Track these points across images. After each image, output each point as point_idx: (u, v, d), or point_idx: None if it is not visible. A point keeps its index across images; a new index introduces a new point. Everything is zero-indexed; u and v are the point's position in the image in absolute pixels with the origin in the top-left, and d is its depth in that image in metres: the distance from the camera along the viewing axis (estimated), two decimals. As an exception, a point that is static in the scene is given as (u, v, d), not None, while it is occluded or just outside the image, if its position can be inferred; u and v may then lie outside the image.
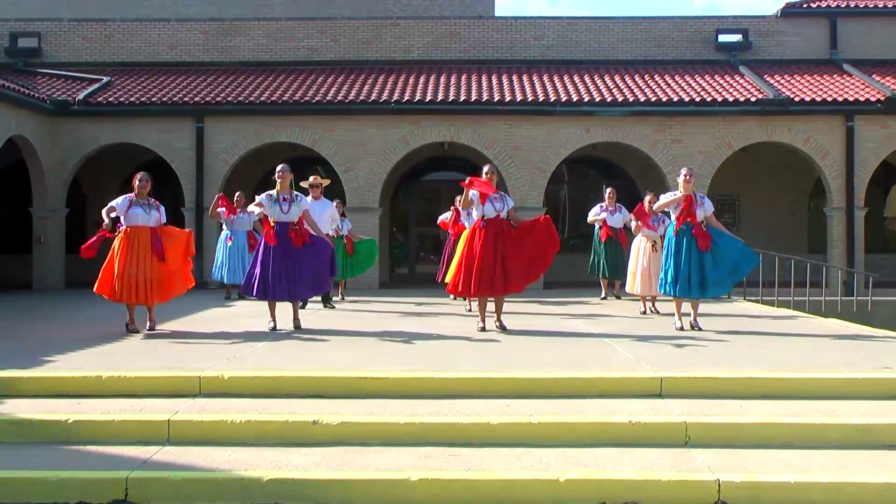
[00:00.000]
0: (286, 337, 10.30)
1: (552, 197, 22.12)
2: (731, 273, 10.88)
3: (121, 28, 23.53)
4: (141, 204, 10.68)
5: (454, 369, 7.85)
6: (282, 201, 10.65)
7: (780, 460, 6.17)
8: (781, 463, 6.13)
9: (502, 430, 6.54)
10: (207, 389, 7.34)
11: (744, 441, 6.47)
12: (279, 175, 10.72)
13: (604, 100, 19.76)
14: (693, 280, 10.69)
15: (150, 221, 10.62)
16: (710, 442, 6.46)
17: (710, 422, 6.63)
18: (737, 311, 14.01)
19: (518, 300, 15.15)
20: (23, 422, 6.71)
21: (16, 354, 8.80)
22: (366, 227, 19.29)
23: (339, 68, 22.74)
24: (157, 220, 10.70)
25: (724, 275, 10.83)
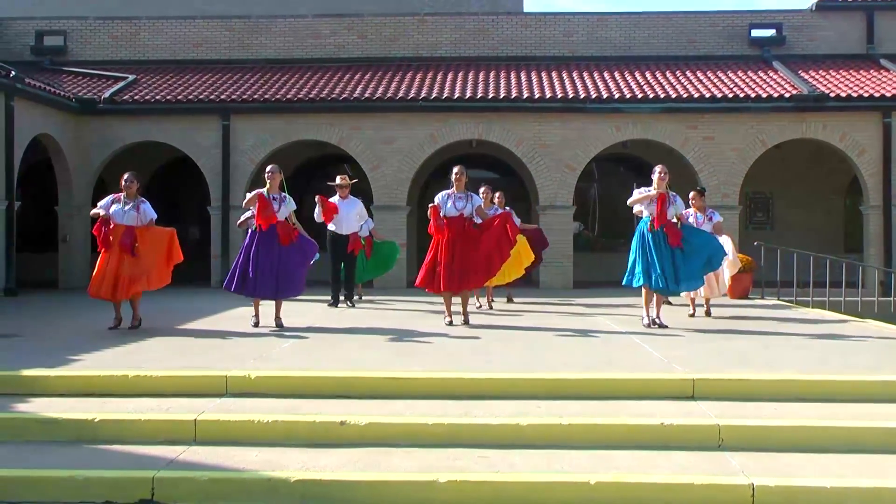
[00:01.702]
0: (312, 337, 10.34)
1: (581, 195, 22.04)
2: (703, 267, 11.37)
3: (146, 26, 23.70)
4: (123, 203, 11.12)
5: (483, 369, 7.85)
6: (272, 201, 11.00)
7: (816, 464, 6.12)
8: (817, 467, 6.07)
9: (532, 431, 6.53)
10: (234, 389, 7.38)
11: (778, 444, 6.42)
12: (269, 175, 11.14)
13: (634, 97, 19.68)
14: (667, 275, 11.03)
15: (126, 220, 11.04)
16: (743, 445, 6.41)
17: (743, 424, 6.58)
18: (770, 311, 13.90)
19: (546, 298, 15.14)
20: (49, 420, 6.77)
21: (42, 353, 8.89)
22: (393, 226, 19.32)
23: (365, 65, 22.78)
24: (133, 218, 11.08)
25: (697, 269, 11.29)
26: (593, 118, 19.79)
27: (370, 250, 15.55)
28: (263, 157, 20.04)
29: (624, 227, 11.99)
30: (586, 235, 23.20)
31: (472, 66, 22.60)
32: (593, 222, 23.59)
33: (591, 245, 23.13)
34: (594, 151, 19.95)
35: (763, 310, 14.11)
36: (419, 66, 22.68)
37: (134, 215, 11.11)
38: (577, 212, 20.28)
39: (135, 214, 11.11)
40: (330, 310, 13.86)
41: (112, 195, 11.36)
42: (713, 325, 11.67)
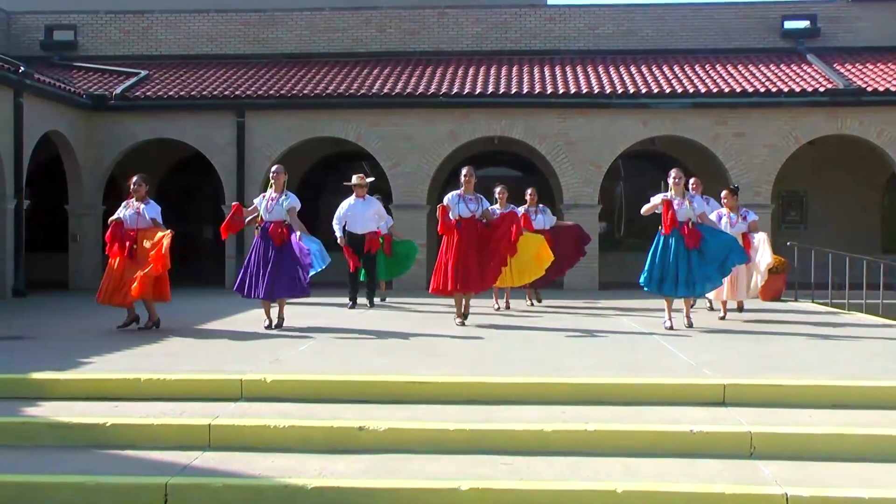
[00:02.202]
0: (329, 339, 10.36)
1: (607, 194, 21.98)
2: (719, 269, 11.50)
3: (159, 20, 23.83)
4: (127, 206, 11.50)
5: (505, 373, 7.85)
6: (270, 200, 11.40)
7: (852, 474, 6.07)
8: (853, 477, 6.03)
9: (556, 437, 6.52)
10: (249, 393, 7.41)
11: (813, 453, 6.38)
12: (273, 176, 11.56)
13: (662, 91, 19.61)
14: (680, 279, 11.28)
15: (128, 223, 11.36)
16: (776, 453, 6.38)
17: (776, 432, 6.55)
18: (805, 314, 13.82)
19: (571, 300, 15.13)
20: (60, 425, 6.82)
21: (52, 355, 8.95)
22: (413, 225, 19.34)
23: (384, 60, 22.82)
24: (135, 220, 11.37)
25: (713, 271, 11.44)
26: (620, 114, 19.74)
27: (389, 249, 15.57)
28: (279, 154, 20.09)
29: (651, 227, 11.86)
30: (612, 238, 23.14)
31: (493, 60, 22.59)
32: (619, 222, 23.52)
33: (618, 245, 23.07)
34: (620, 148, 19.90)
35: (796, 313, 14.03)
36: (439, 60, 22.69)
37: (135, 218, 11.40)
38: (602, 211, 20.23)
39: (135, 217, 11.41)
40: (348, 311, 13.89)
41: (125, 201, 11.69)
42: (744, 328, 11.62)
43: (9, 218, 17.34)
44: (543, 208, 15.00)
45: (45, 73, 20.28)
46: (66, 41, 23.78)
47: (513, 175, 23.01)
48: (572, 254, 15.30)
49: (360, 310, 14.30)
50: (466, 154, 21.47)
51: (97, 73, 22.37)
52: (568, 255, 15.02)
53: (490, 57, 22.84)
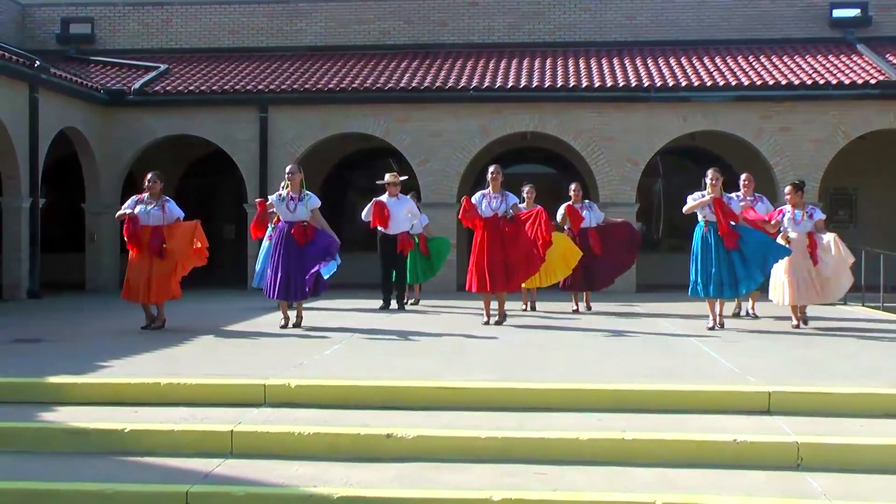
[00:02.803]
0: (356, 342, 10.40)
1: (645, 191, 21.90)
2: (760, 266, 11.69)
3: (179, 12, 23.97)
4: (146, 203, 11.74)
5: (538, 379, 7.84)
6: (289, 200, 11.72)
7: (906, 487, 6.03)
8: (907, 490, 5.98)
9: (592, 446, 6.50)
10: (273, 399, 7.44)
11: (864, 465, 6.32)
12: (288, 176, 11.83)
13: (703, 84, 19.50)
14: (725, 280, 11.60)
15: (150, 220, 11.62)
16: (825, 465, 6.33)
17: (825, 442, 6.50)
18: (855, 318, 13.71)
19: (607, 302, 15.08)
20: (77, 431, 6.88)
21: (69, 359, 9.02)
22: (443, 224, 19.32)
23: (412, 52, 22.85)
24: (159, 218, 11.64)
25: (755, 269, 11.66)
26: (658, 108, 19.65)
27: (425, 248, 15.56)
28: (303, 151, 20.17)
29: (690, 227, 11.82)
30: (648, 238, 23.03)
31: (526, 52, 22.56)
32: (658, 221, 23.42)
33: (656, 245, 22.97)
34: (659, 144, 19.82)
35: (848, 315, 13.91)
36: (470, 52, 22.69)
37: (159, 215, 11.66)
38: (640, 210, 20.16)
39: (160, 214, 11.66)
40: (376, 313, 13.93)
41: (135, 196, 11.94)
42: (791, 333, 11.54)
43: (24, 217, 17.53)
44: (590, 204, 14.73)
45: (62, 67, 20.47)
46: (83, 34, 23.96)
47: (546, 172, 22.99)
48: (623, 258, 14.66)
49: (389, 312, 14.38)
50: (498, 150, 21.47)
51: (115, 68, 22.55)
52: (618, 261, 14.55)
53: (522, 49, 22.82)
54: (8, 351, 9.85)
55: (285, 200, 11.76)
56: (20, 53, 18.92)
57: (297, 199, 11.71)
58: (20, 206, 17.42)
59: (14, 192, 17.47)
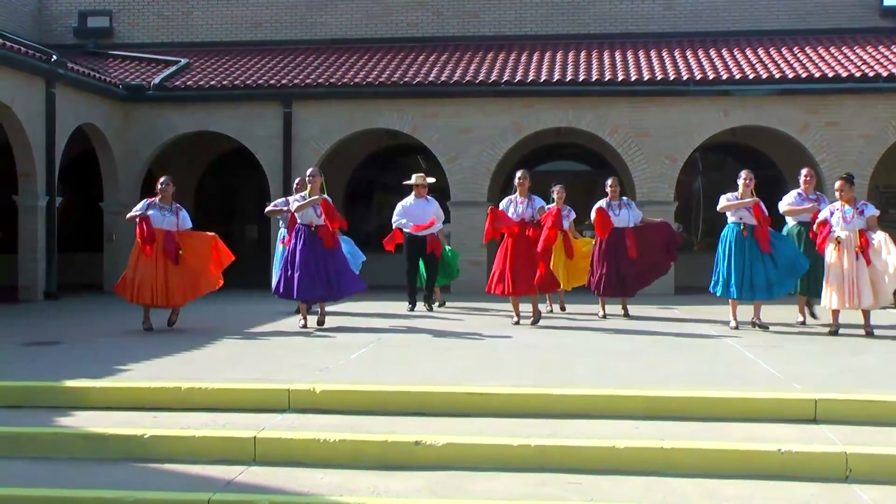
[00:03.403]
0: (383, 346, 10.43)
1: (684, 189, 21.79)
2: (789, 272, 12.05)
3: (200, 4, 24.09)
4: (159, 207, 12.09)
5: (572, 384, 7.83)
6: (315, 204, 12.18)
7: (961, 499, 5.97)
8: (962, 502, 5.93)
9: (629, 455, 6.49)
10: (297, 404, 7.48)
11: (917, 476, 6.28)
12: (309, 179, 12.31)
13: (745, 77, 19.39)
14: (757, 282, 11.89)
15: (165, 225, 11.99)
16: (875, 477, 6.28)
17: (875, 453, 6.45)
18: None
19: (643, 305, 15.02)
20: (95, 436, 6.94)
21: (87, 362, 9.10)
22: (473, 224, 19.32)
23: (441, 45, 22.86)
24: (173, 223, 12.06)
25: (785, 275, 12.03)
26: (698, 102, 19.54)
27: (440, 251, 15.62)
28: (328, 148, 20.20)
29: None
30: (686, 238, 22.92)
31: (560, 44, 22.52)
32: (697, 220, 23.30)
33: (694, 246, 22.87)
34: (699, 140, 19.71)
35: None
36: (501, 45, 22.66)
37: (173, 220, 12.06)
38: (678, 208, 20.07)
39: (174, 220, 12.06)
40: (403, 316, 13.96)
41: (146, 199, 12.29)
42: (837, 338, 11.44)
43: (40, 216, 17.67)
44: (628, 201, 14.16)
45: (79, 62, 20.63)
46: (101, 28, 24.15)
47: (580, 169, 22.93)
48: (661, 260, 14.12)
49: (417, 314, 14.44)
50: (530, 147, 21.44)
51: (134, 62, 22.68)
52: (656, 263, 14.08)
53: (555, 41, 22.76)
54: (24, 354, 9.94)
55: None
56: (36, 48, 19.09)
57: None
58: (36, 204, 17.56)
59: (30, 191, 17.59)
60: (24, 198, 17.64)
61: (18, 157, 17.49)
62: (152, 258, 11.91)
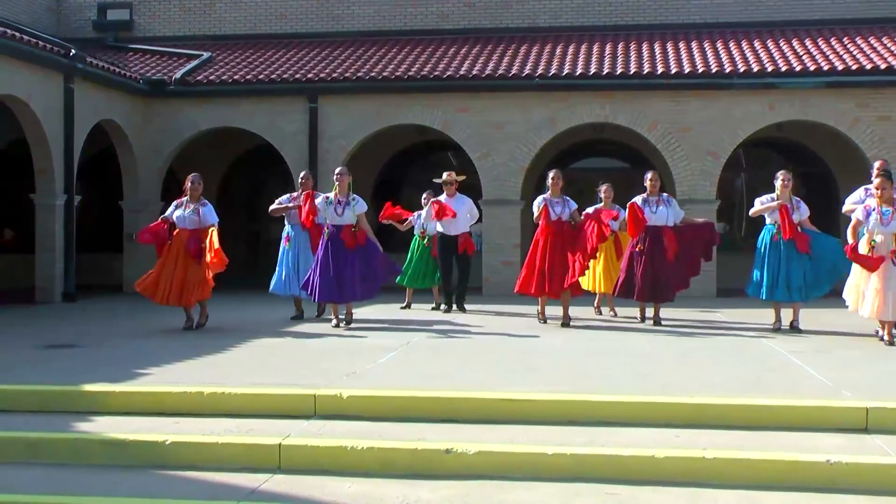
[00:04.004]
0: (413, 349, 10.45)
1: (727, 187, 21.69)
2: (829, 273, 12.25)
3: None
4: (184, 206, 12.47)
5: (609, 390, 7.81)
6: (337, 204, 12.57)
7: None
8: None
9: (669, 465, 6.47)
10: (324, 410, 7.50)
11: (976, 490, 6.22)
12: (337, 178, 12.76)
13: (791, 69, 19.25)
14: (794, 283, 12.12)
15: (186, 224, 12.34)
16: (930, 489, 6.23)
17: (930, 464, 6.40)
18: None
19: (683, 308, 14.95)
20: (114, 442, 6.99)
21: (105, 365, 9.17)
22: (506, 223, 19.35)
23: (473, 37, 22.86)
24: (194, 223, 12.34)
25: (823, 275, 12.25)
26: (741, 96, 19.44)
27: None
28: (355, 144, 20.24)
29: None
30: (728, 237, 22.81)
31: (597, 36, 22.47)
32: (740, 219, 23.18)
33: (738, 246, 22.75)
34: (742, 135, 19.60)
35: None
36: (535, 37, 22.64)
37: (195, 220, 12.32)
38: (720, 207, 19.98)
39: (196, 219, 12.33)
40: (433, 318, 13.99)
41: (176, 201, 12.63)
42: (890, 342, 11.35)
43: (58, 215, 17.79)
44: (668, 198, 13.52)
45: (98, 56, 20.77)
46: (121, 21, 24.29)
47: (618, 167, 22.85)
48: (697, 261, 13.56)
49: (450, 315, 14.58)
50: (566, 143, 21.42)
51: (155, 56, 22.83)
52: (691, 264, 13.49)
53: (592, 33, 22.72)
54: (41, 357, 10.03)
55: (332, 204, 12.58)
56: (54, 41, 19.22)
57: (344, 202, 12.56)
58: (54, 203, 17.69)
59: (48, 189, 17.71)
60: (42, 196, 17.77)
61: (36, 154, 17.62)
62: (172, 257, 12.25)
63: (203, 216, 12.36)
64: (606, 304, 14.92)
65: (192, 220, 12.34)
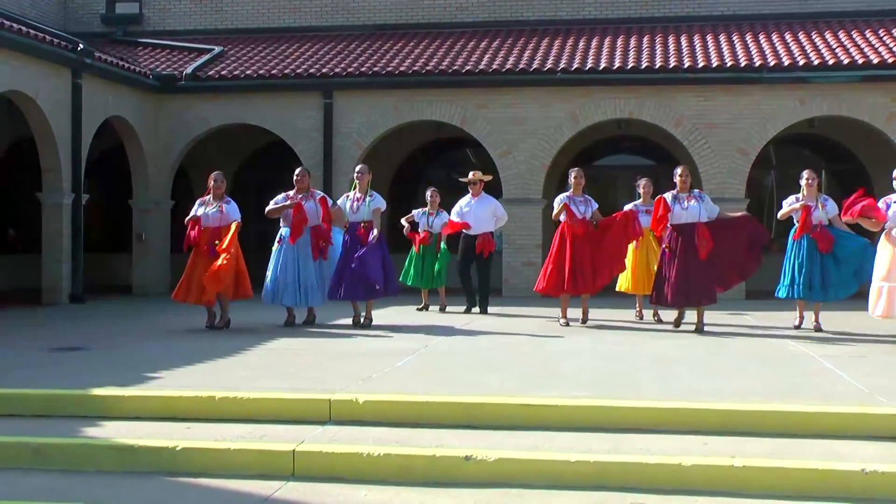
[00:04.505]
0: (431, 352, 10.46)
1: (756, 185, 21.62)
2: (855, 274, 12.44)
3: (235, -12, 24.30)
4: (207, 205, 12.86)
5: (635, 396, 7.80)
6: (354, 200, 13.13)
7: None
8: None
9: (697, 473, 6.44)
10: (339, 415, 7.50)
11: None
12: (357, 176, 13.37)
13: (824, 63, 19.17)
14: (815, 282, 12.45)
15: (210, 222, 12.71)
16: (972, 501, 6.20)
17: (971, 473, 6.36)
18: None
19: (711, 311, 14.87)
20: (123, 448, 7.00)
21: (114, 369, 9.19)
22: (527, 223, 19.33)
23: (493, 30, 22.84)
24: (216, 220, 12.71)
25: (848, 276, 12.48)
26: (772, 90, 19.38)
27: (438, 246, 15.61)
28: (372, 141, 20.27)
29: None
30: None
31: (621, 29, 22.44)
32: (770, 219, 23.10)
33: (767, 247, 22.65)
34: (773, 132, 19.54)
35: None
36: (557, 30, 22.62)
37: (217, 217, 12.68)
38: (750, 206, 19.90)
39: (218, 216, 12.68)
40: (452, 320, 13.98)
41: (200, 199, 13.00)
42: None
43: (65, 214, 17.86)
44: (700, 194, 12.88)
45: (107, 50, 20.86)
46: (130, 14, 24.39)
47: (643, 164, 22.79)
48: (745, 260, 12.87)
49: (470, 317, 14.62)
50: (588, 140, 21.37)
51: (165, 51, 22.91)
52: (739, 264, 12.87)
53: (616, 25, 22.69)
54: (48, 360, 10.07)
55: (350, 200, 13.17)
56: (62, 36, 19.30)
57: (361, 199, 13.08)
58: (61, 202, 17.76)
59: (55, 188, 17.78)
60: (49, 195, 17.84)
61: (42, 151, 17.70)
62: (198, 257, 12.63)
63: (226, 213, 12.74)
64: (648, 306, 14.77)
65: (215, 217, 12.68)
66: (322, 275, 13.10)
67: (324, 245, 13.02)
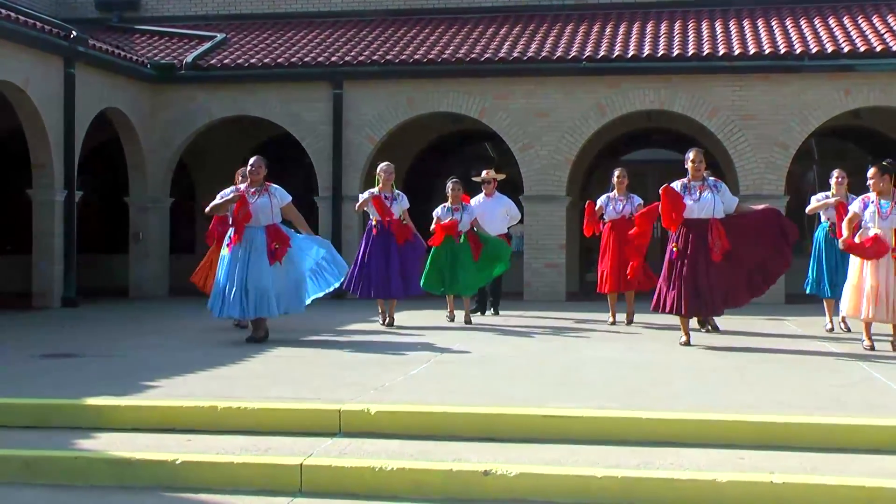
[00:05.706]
0: (447, 359, 10.47)
1: (797, 181, 21.57)
2: None
3: (238, -30, 24.36)
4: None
5: (665, 407, 7.80)
6: (383, 199, 13.81)
7: None
8: None
9: (733, 490, 6.44)
10: (349, 427, 7.52)
11: None
12: (385, 176, 13.97)
13: (871, 50, 19.11)
14: (840, 282, 12.43)
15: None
16: None
17: None
18: None
19: (749, 315, 14.87)
20: (120, 461, 7.04)
21: (110, 377, 9.23)
22: (550, 221, 19.33)
23: (514, 15, 22.85)
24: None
25: None
26: (813, 79, 19.33)
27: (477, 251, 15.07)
28: (384, 134, 20.28)
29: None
30: None
31: (650, 14, 22.41)
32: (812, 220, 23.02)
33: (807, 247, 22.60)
34: (815, 123, 19.49)
35: None
36: (582, 15, 22.61)
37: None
38: (790, 203, 19.85)
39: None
40: (469, 326, 13.98)
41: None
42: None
43: (57, 212, 17.89)
44: (716, 183, 11.93)
45: (102, 38, 20.91)
46: (127, 0, 24.41)
47: (675, 158, 22.72)
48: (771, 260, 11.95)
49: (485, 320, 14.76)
50: (616, 133, 21.36)
51: (163, 38, 22.97)
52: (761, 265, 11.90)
53: (645, 10, 22.68)
54: (40, 368, 10.10)
55: (379, 199, 13.80)
56: (53, 23, 19.33)
57: (391, 197, 13.86)
58: (53, 199, 17.79)
59: (46, 184, 17.81)
60: (40, 192, 17.87)
61: (33, 146, 17.73)
62: None
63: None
64: None
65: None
66: (290, 277, 11.98)
67: (277, 247, 11.75)
